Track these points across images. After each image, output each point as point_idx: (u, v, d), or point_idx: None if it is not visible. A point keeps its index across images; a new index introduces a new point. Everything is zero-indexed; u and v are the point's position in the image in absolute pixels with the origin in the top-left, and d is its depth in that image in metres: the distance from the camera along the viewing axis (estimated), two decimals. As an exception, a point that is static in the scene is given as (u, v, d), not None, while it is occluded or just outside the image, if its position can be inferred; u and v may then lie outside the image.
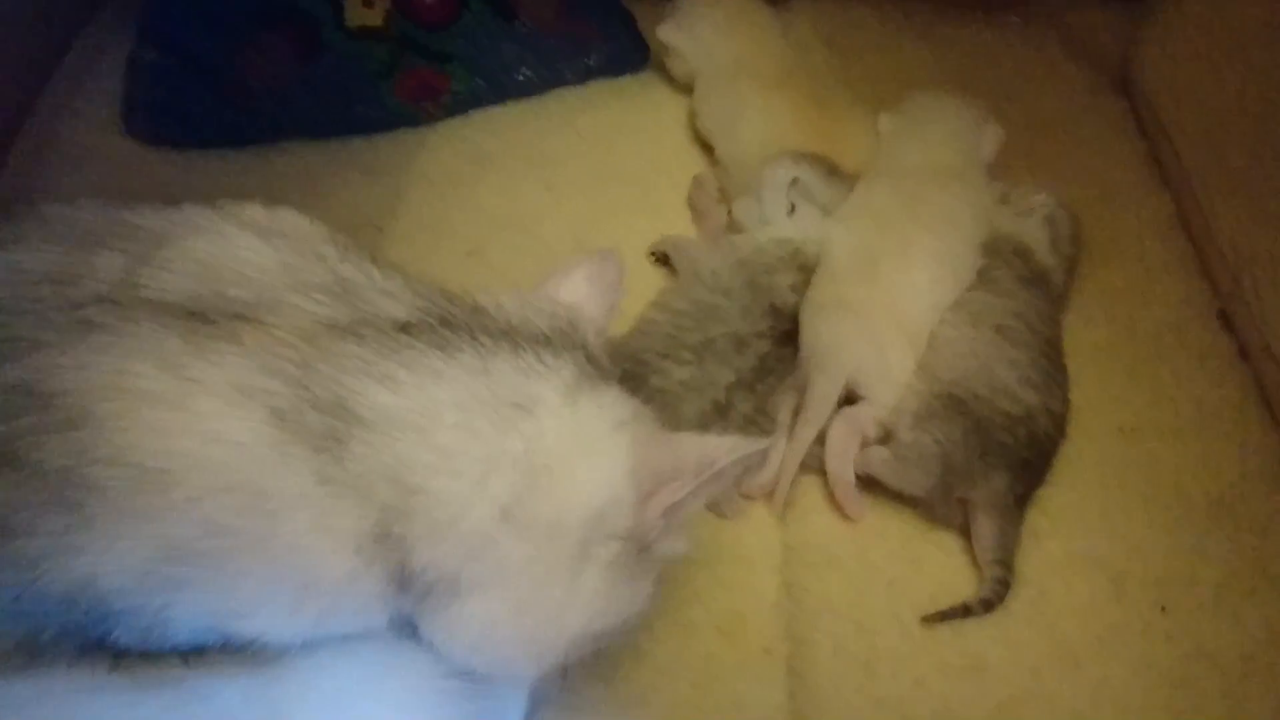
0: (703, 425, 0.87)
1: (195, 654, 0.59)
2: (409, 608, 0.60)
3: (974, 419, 0.87)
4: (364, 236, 1.06)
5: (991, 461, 0.86)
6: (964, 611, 0.84)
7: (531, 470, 0.58)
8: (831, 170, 1.03)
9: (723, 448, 0.61)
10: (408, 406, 0.56)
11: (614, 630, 0.64)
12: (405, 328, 0.59)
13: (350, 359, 0.56)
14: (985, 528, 0.86)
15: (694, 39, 1.17)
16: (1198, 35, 1.19)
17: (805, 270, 0.97)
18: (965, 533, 0.89)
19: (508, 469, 0.57)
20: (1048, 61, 1.31)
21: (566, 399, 0.60)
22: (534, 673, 0.65)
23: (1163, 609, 0.85)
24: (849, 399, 0.91)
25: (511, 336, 0.61)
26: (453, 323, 0.60)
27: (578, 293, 0.70)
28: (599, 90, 1.25)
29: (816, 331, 0.92)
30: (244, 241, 0.61)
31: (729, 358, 0.89)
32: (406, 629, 0.62)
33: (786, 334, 0.94)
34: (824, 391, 0.90)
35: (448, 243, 1.09)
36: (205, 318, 0.56)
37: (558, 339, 0.63)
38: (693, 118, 1.19)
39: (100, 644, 0.57)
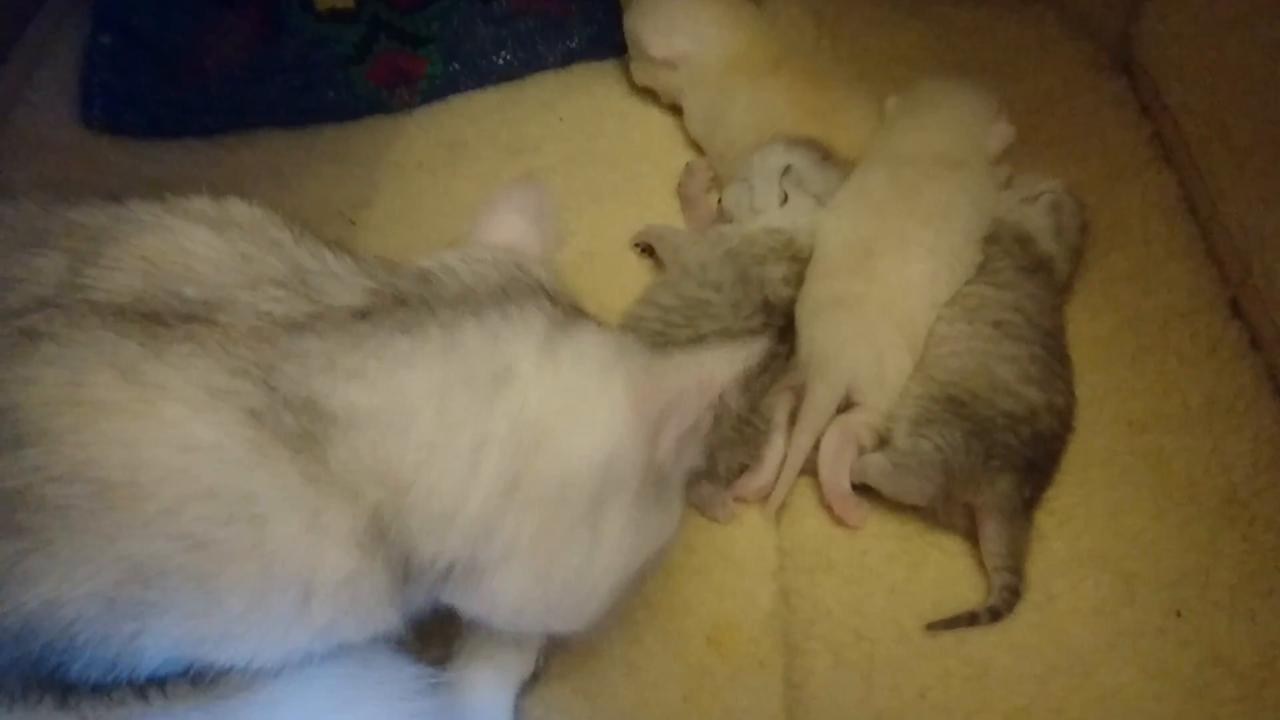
0: None
1: (154, 686, 0.54)
2: (424, 595, 0.58)
3: (975, 420, 0.83)
4: (336, 229, 1.02)
5: (996, 464, 0.82)
6: (970, 620, 0.80)
7: (523, 445, 0.55)
8: (825, 156, 0.99)
9: (721, 363, 0.58)
10: (381, 403, 0.53)
11: (653, 557, 0.64)
12: (364, 315, 0.56)
13: (314, 357, 0.53)
14: (993, 532, 0.82)
15: (682, 46, 1.10)
16: (1199, 9, 1.14)
17: (798, 261, 0.94)
18: (969, 535, 0.86)
19: (497, 450, 0.55)
20: (1046, 39, 1.27)
21: (543, 354, 0.57)
22: (585, 623, 0.64)
23: (1178, 613, 0.82)
24: (844, 404, 0.88)
25: (469, 300, 0.58)
26: (409, 300, 0.57)
27: (512, 229, 0.67)
28: (580, 74, 1.21)
29: (814, 336, 0.89)
30: (195, 235, 0.57)
31: None
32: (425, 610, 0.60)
33: (780, 331, 0.90)
34: (823, 399, 0.86)
35: (423, 235, 1.04)
36: (161, 319, 0.52)
37: (514, 289, 0.60)
38: (687, 124, 1.14)
39: (50, 679, 0.52)
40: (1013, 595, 0.81)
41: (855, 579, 0.85)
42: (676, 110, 1.16)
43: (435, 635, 0.74)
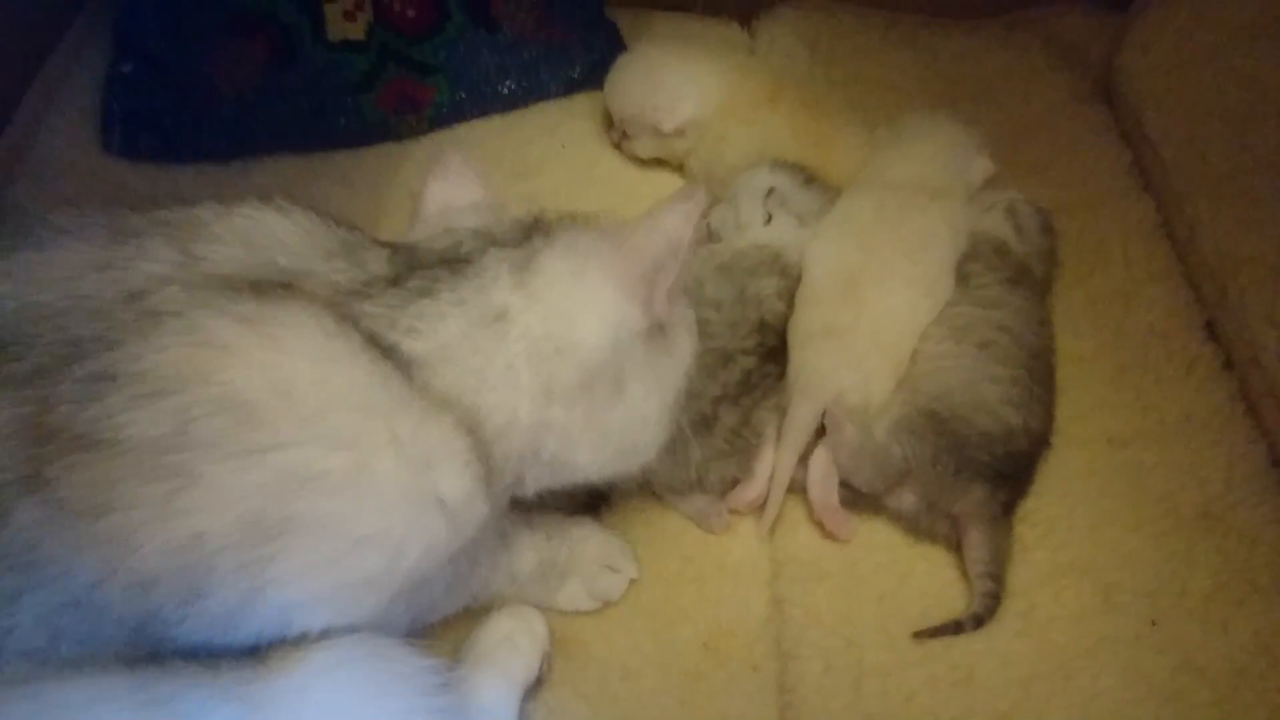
0: (684, 438, 0.86)
1: (204, 668, 0.57)
2: (503, 494, 0.68)
3: (950, 437, 0.86)
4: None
5: (966, 475, 0.86)
6: (955, 629, 0.84)
7: (543, 357, 0.65)
8: (810, 179, 1.02)
9: (678, 218, 0.67)
10: (433, 349, 0.62)
11: (683, 383, 0.75)
12: (394, 281, 0.64)
13: (380, 317, 0.62)
14: (974, 539, 0.86)
15: (690, 111, 1.11)
16: (1179, 42, 1.19)
17: (787, 275, 0.97)
18: (952, 545, 0.89)
19: (524, 367, 0.64)
20: (1030, 68, 1.31)
21: (518, 289, 0.65)
22: (657, 449, 0.74)
23: (1153, 622, 0.85)
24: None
25: (450, 264, 0.66)
26: (419, 267, 0.66)
27: (442, 195, 0.75)
28: (582, 101, 1.24)
29: (805, 360, 0.92)
30: (270, 218, 0.65)
31: (715, 372, 0.89)
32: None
33: (771, 351, 0.93)
34: (803, 417, 0.90)
35: (430, 256, 1.07)
36: (264, 286, 0.60)
37: (470, 243, 0.68)
38: (688, 175, 1.17)
39: (142, 638, 0.56)
40: (994, 601, 0.84)
41: (846, 588, 0.88)
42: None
43: (440, 640, 0.78)
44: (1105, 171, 1.18)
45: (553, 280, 0.66)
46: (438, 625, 0.77)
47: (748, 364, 0.91)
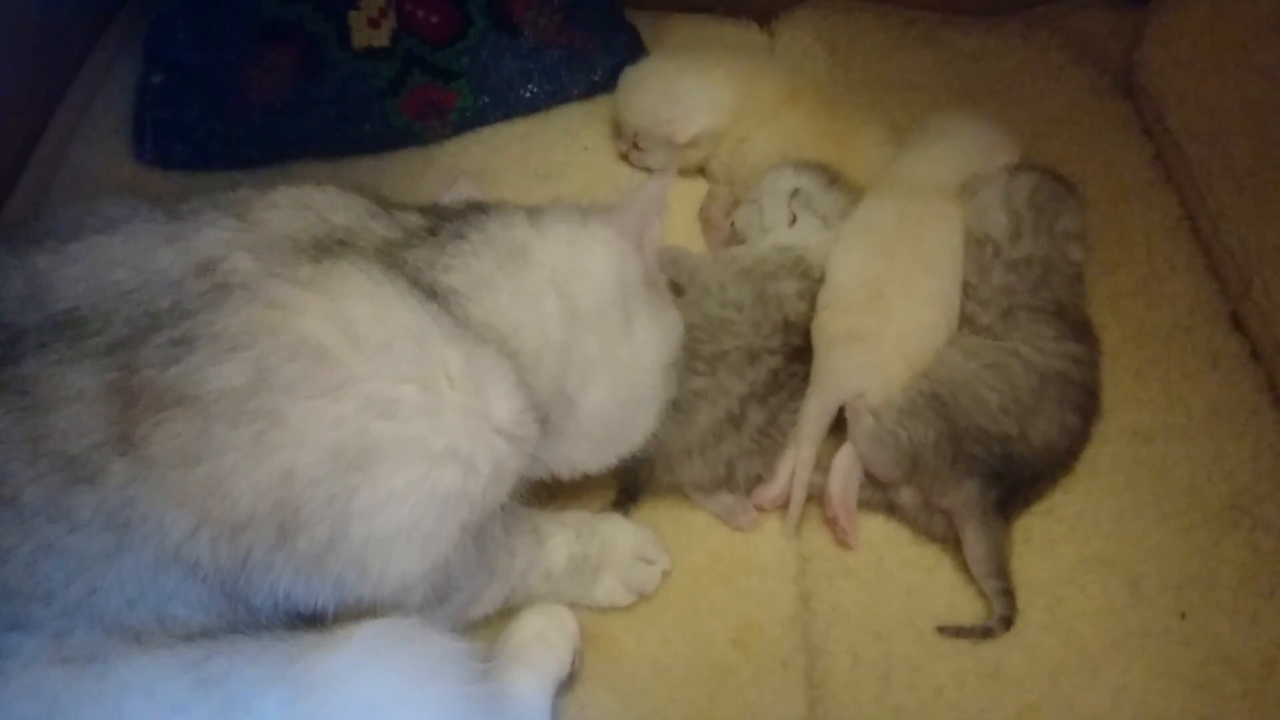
0: (717, 434, 0.88)
1: (257, 647, 0.60)
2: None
3: (950, 423, 0.87)
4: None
5: (961, 468, 0.86)
6: (984, 633, 0.84)
7: (562, 284, 0.74)
8: (833, 180, 1.03)
9: (653, 185, 0.84)
10: (471, 281, 0.70)
11: (679, 350, 0.85)
12: (431, 230, 0.73)
13: (423, 261, 0.70)
14: (969, 537, 0.86)
15: (704, 122, 1.12)
16: (1200, 36, 1.19)
17: (808, 277, 0.98)
18: (951, 543, 0.89)
19: (549, 293, 0.73)
20: (1051, 65, 1.31)
21: (535, 229, 0.76)
22: (649, 429, 0.83)
23: (1182, 614, 0.85)
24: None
25: (475, 211, 0.77)
26: (448, 219, 0.75)
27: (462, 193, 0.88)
28: (603, 104, 1.25)
29: (828, 360, 0.93)
30: (311, 190, 0.74)
31: (742, 370, 0.90)
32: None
33: (797, 350, 0.94)
34: (819, 411, 0.91)
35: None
36: (322, 243, 0.68)
37: (484, 207, 0.78)
38: (709, 179, 1.17)
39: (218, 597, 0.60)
40: (1008, 597, 0.84)
41: (873, 583, 0.89)
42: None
43: (474, 640, 0.79)
44: (1127, 166, 1.18)
45: (562, 223, 0.77)
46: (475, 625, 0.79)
47: (774, 363, 0.92)
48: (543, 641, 0.79)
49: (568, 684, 0.81)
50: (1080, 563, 0.89)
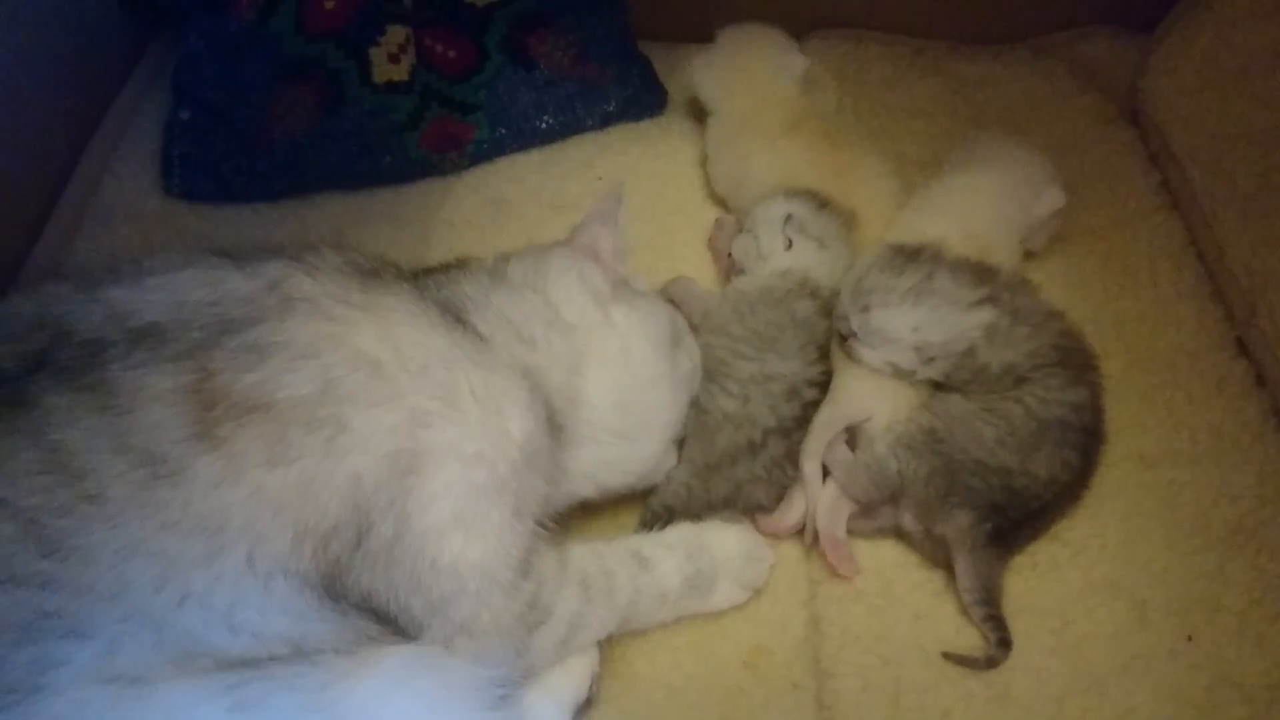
0: (732, 457, 0.91)
1: (293, 673, 0.63)
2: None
3: (944, 458, 0.88)
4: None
5: (954, 501, 0.87)
6: (988, 662, 0.85)
7: (538, 296, 0.84)
8: (823, 204, 1.04)
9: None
10: (497, 312, 0.82)
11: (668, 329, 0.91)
12: (460, 267, 0.88)
13: (456, 295, 0.82)
14: (959, 566, 0.88)
15: (714, 86, 1.20)
16: (1205, 64, 1.20)
17: (818, 296, 0.99)
18: (948, 569, 0.90)
19: (535, 304, 0.84)
20: (1058, 91, 1.33)
21: (509, 262, 0.88)
22: (657, 446, 0.90)
23: (1189, 638, 0.86)
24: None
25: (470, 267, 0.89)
26: (465, 266, 0.89)
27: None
28: (618, 135, 1.28)
29: (847, 380, 0.95)
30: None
31: (777, 405, 0.92)
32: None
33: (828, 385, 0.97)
34: (828, 422, 0.93)
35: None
36: (367, 274, 0.77)
37: (466, 263, 0.91)
38: (712, 183, 1.21)
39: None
40: (995, 624, 0.86)
41: (882, 607, 0.90)
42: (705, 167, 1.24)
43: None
44: (1133, 192, 1.20)
45: (521, 256, 0.89)
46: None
47: (811, 395, 0.94)
48: (563, 667, 0.81)
49: (584, 709, 0.82)
50: (1087, 586, 0.90)
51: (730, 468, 0.91)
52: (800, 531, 0.94)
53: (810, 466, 0.93)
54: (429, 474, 0.69)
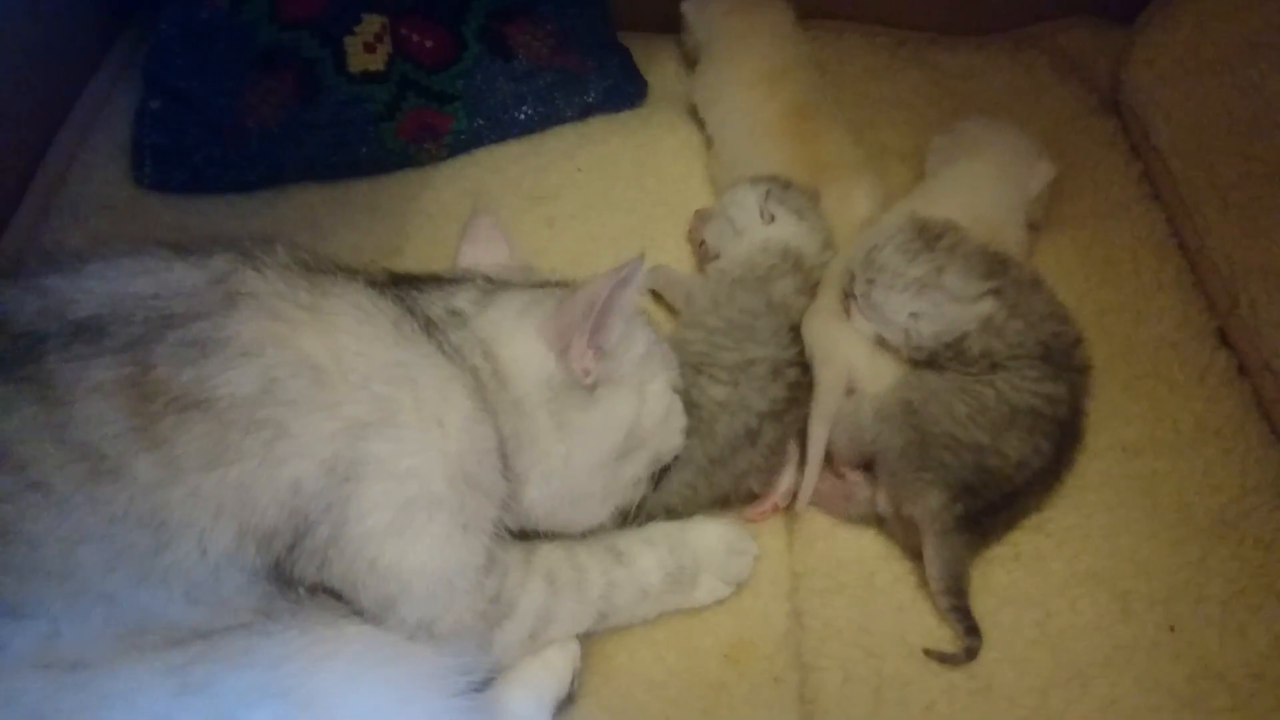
0: (734, 447, 0.90)
1: (243, 652, 0.62)
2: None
3: (919, 430, 0.88)
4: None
5: (927, 477, 0.87)
6: (968, 654, 0.85)
7: (487, 353, 0.78)
8: (787, 185, 1.04)
9: (599, 284, 0.77)
10: (442, 316, 0.79)
11: (636, 443, 0.83)
12: (435, 279, 0.84)
13: (429, 300, 0.79)
14: (929, 552, 0.87)
15: (706, 10, 1.25)
16: (1185, 54, 1.20)
17: (801, 268, 1.00)
18: (917, 555, 0.90)
19: (480, 351, 0.78)
20: (1039, 83, 1.33)
21: (477, 305, 0.81)
22: (599, 510, 0.84)
23: (1171, 628, 0.86)
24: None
25: (441, 282, 0.85)
26: (438, 277, 0.86)
27: (471, 258, 0.94)
28: (598, 125, 1.27)
29: (812, 329, 0.95)
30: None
31: (765, 387, 0.91)
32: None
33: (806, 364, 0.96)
34: (829, 382, 0.93)
35: (451, 279, 1.10)
36: (320, 268, 0.75)
37: (456, 276, 0.86)
38: (689, 93, 1.26)
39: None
40: (961, 615, 0.85)
41: (864, 600, 0.90)
42: (688, 159, 1.23)
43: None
44: (1115, 183, 1.20)
45: (499, 310, 0.81)
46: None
47: (793, 375, 0.93)
48: (544, 662, 0.80)
49: (565, 704, 0.81)
50: (1070, 577, 0.90)
51: (732, 459, 0.90)
52: (784, 512, 0.94)
53: (819, 430, 0.92)
54: (366, 482, 0.68)
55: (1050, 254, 1.13)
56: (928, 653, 0.85)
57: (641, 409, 0.82)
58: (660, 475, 0.87)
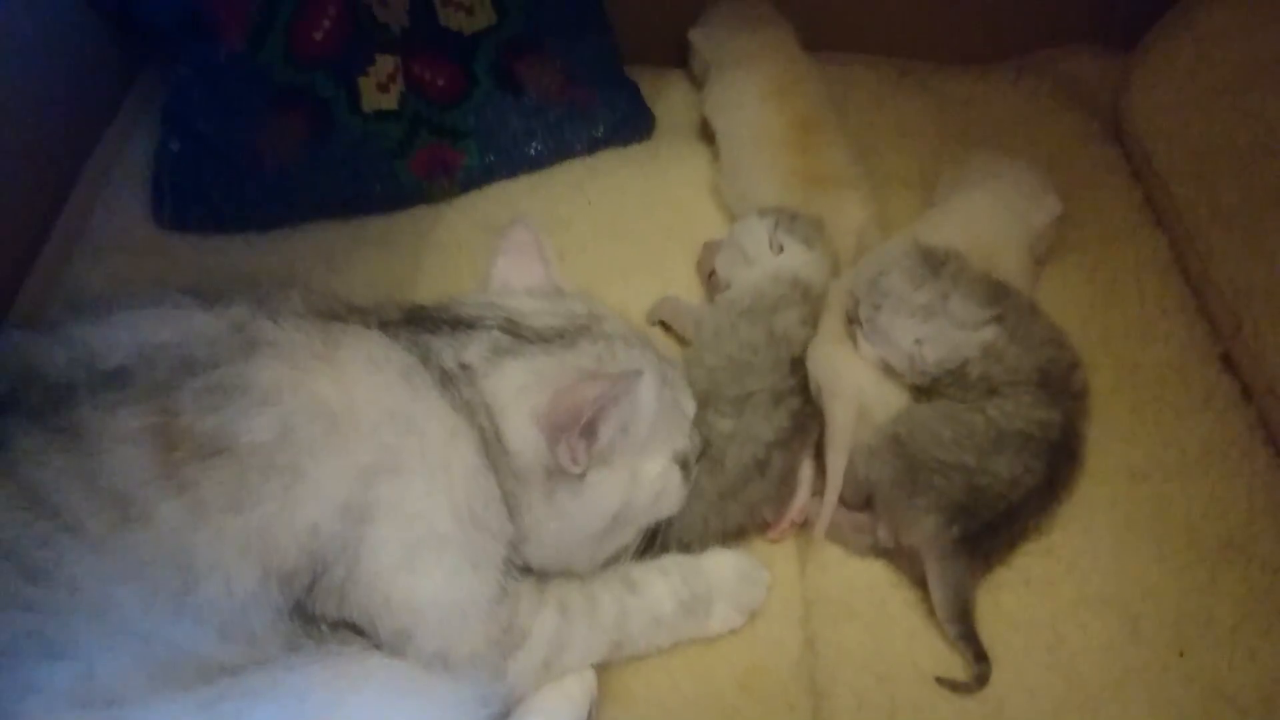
0: (744, 478, 0.91)
1: (270, 685, 0.64)
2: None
3: (907, 459, 0.89)
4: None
5: (921, 504, 0.88)
6: (979, 681, 0.85)
7: (490, 420, 0.78)
8: (794, 215, 1.06)
9: (596, 387, 0.76)
10: (453, 369, 0.79)
11: (625, 521, 0.83)
12: (457, 323, 0.83)
13: (438, 348, 0.79)
14: (932, 578, 0.88)
15: (713, 35, 1.28)
16: (1186, 81, 1.22)
17: (809, 299, 1.01)
18: (922, 584, 0.90)
19: (485, 417, 0.78)
20: (1041, 110, 1.35)
21: (487, 363, 0.80)
22: (592, 561, 0.85)
23: (1181, 652, 0.87)
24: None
25: (452, 323, 0.83)
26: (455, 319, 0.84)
27: (505, 274, 0.92)
28: (607, 158, 1.29)
29: (817, 359, 0.96)
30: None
31: (768, 413, 0.92)
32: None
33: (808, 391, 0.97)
34: (841, 413, 0.93)
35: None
36: (334, 313, 0.78)
37: (476, 321, 0.83)
38: (700, 104, 1.28)
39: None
40: (970, 642, 0.86)
41: (876, 626, 0.90)
42: (697, 191, 1.25)
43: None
44: (1117, 209, 1.21)
45: (507, 380, 0.79)
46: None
47: (795, 404, 0.94)
48: (562, 692, 0.81)
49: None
50: (1080, 601, 0.91)
51: (744, 490, 0.91)
52: (797, 539, 0.95)
53: (836, 461, 0.93)
54: (377, 524, 0.70)
55: (1054, 279, 1.14)
56: (940, 681, 0.86)
57: (633, 493, 0.82)
58: (657, 529, 0.88)
